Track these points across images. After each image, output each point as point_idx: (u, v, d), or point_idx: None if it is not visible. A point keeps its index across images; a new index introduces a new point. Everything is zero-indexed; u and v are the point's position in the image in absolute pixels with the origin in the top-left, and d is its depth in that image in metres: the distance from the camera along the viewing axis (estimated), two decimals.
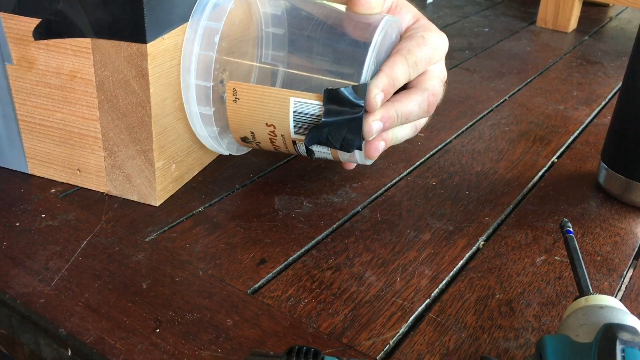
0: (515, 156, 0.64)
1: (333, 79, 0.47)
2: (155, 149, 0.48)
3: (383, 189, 0.56)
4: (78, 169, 0.51)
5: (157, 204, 0.51)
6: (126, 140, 0.48)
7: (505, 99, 0.79)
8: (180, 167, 0.53)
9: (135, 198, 0.51)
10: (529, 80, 0.87)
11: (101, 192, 0.52)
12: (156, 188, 0.50)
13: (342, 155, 0.49)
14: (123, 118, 0.47)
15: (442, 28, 0.49)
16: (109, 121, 0.48)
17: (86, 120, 0.49)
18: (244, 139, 0.51)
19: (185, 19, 0.47)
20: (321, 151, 0.49)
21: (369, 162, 0.53)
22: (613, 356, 0.29)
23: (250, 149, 0.58)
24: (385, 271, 0.45)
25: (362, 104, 0.44)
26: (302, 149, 0.49)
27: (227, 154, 0.55)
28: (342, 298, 0.42)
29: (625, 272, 0.47)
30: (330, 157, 0.50)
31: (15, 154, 0.53)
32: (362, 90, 0.44)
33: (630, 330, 0.30)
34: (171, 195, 0.52)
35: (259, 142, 0.51)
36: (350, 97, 0.44)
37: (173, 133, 0.50)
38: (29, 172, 0.53)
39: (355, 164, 0.54)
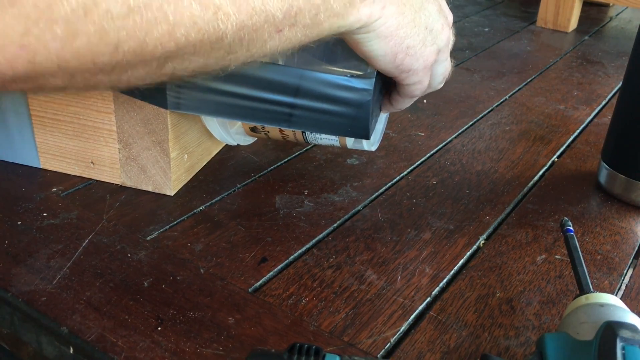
0: (516, 155, 0.64)
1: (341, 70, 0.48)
2: (171, 139, 0.49)
3: (384, 188, 0.56)
4: (92, 162, 0.52)
5: (172, 193, 0.52)
6: (141, 132, 0.49)
7: (506, 99, 0.80)
8: (191, 157, 0.54)
9: (150, 188, 0.52)
10: (529, 80, 0.87)
11: (102, 191, 0.52)
12: (171, 177, 0.51)
13: (349, 142, 0.52)
14: (138, 110, 0.48)
15: None
16: (124, 114, 0.49)
17: (101, 113, 0.49)
18: (253, 129, 0.52)
19: None
20: (329, 138, 0.51)
21: (373, 148, 0.54)
22: (613, 354, 0.29)
23: (256, 139, 0.59)
24: (386, 270, 0.45)
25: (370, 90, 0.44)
26: (310, 136, 0.50)
27: (235, 144, 0.56)
28: (343, 296, 0.42)
29: (625, 271, 0.47)
30: (337, 144, 0.52)
31: (26, 149, 0.53)
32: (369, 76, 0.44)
33: (631, 328, 0.30)
34: (172, 195, 0.52)
35: (268, 132, 0.52)
36: (357, 85, 0.44)
37: (186, 124, 0.51)
38: (41, 166, 0.54)
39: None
